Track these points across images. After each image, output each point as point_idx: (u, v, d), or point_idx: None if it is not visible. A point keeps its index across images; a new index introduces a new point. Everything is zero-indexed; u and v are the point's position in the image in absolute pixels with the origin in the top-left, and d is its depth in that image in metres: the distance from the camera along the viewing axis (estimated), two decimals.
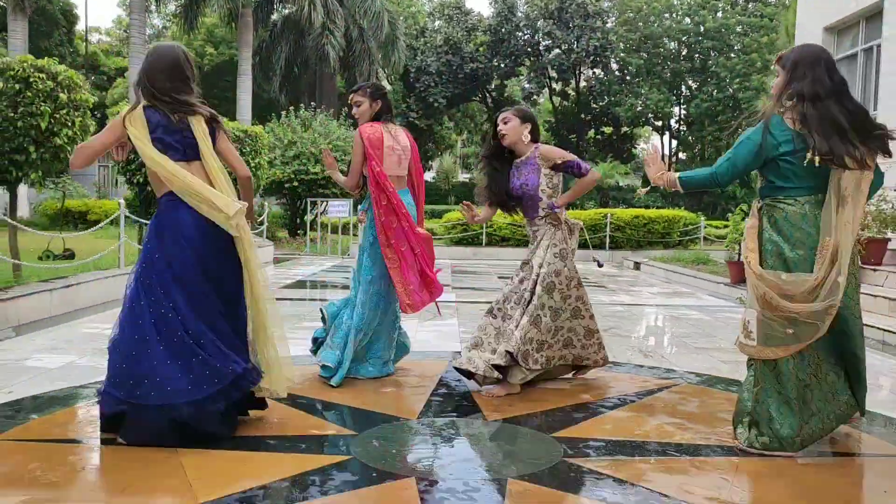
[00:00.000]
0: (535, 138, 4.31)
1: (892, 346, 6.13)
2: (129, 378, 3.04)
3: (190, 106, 3.28)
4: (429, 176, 35.22)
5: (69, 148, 7.43)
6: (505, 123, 4.27)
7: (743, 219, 10.20)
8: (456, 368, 4.28)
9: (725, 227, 16.88)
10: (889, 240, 8.23)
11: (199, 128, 3.30)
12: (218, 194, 3.22)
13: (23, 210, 24.14)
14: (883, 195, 8.24)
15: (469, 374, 4.15)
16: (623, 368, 4.92)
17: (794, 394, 3.16)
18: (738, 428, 3.34)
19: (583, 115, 38.27)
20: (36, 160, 7.29)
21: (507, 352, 4.00)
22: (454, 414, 3.80)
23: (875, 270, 8.02)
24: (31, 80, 7.10)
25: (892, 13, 11.48)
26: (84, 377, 4.34)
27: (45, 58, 7.56)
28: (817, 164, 3.11)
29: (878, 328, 6.39)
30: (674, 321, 7.47)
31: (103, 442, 3.16)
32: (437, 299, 4.43)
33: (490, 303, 4.37)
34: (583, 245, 4.66)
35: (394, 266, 4.25)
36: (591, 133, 39.73)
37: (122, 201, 9.11)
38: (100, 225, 9.86)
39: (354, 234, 17.36)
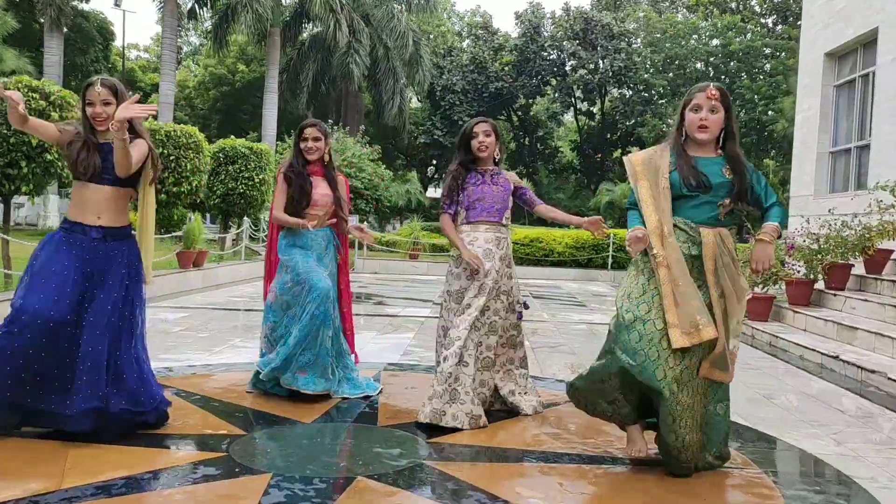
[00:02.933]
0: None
1: (833, 371, 6.23)
2: None
3: None
4: None
5: (59, 163, 7.89)
6: (487, 136, 4.20)
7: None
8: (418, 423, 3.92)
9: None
10: (852, 265, 8.30)
11: None
12: None
13: (53, 220, 25.01)
14: (846, 223, 8.34)
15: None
16: (542, 383, 5.13)
17: None
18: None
19: (608, 135, 38.39)
20: (27, 174, 7.75)
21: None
22: (350, 420, 4.06)
23: (835, 295, 8.10)
24: (25, 98, 7.56)
25: (885, 41, 11.52)
26: None
27: (82, 80, 8.05)
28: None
29: (822, 352, 6.50)
30: None
31: (6, 434, 3.47)
32: None
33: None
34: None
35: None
36: (617, 153, 39.82)
37: None
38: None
39: (360, 248, 17.71)
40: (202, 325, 7.31)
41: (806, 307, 8.15)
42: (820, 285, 8.48)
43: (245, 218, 14.28)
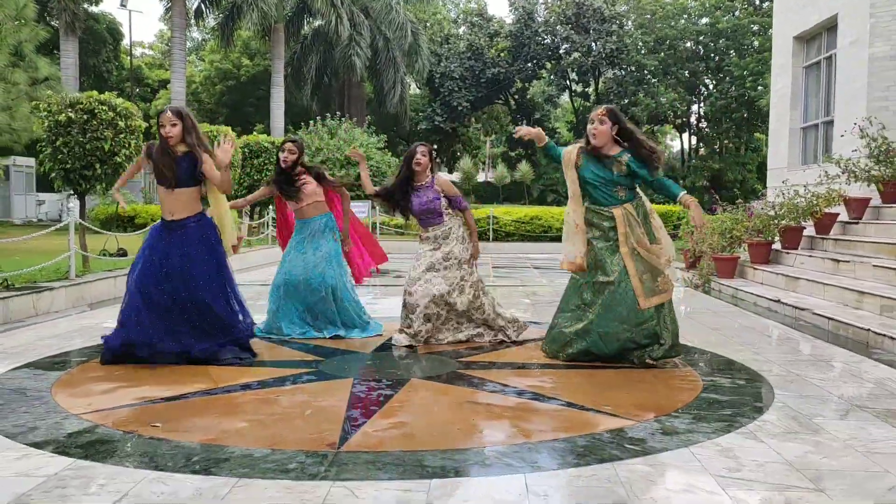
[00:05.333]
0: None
1: (776, 312, 7.65)
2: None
3: None
4: (455, 176, 36.99)
5: (126, 165, 9.30)
6: (423, 156, 5.76)
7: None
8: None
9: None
10: (804, 228, 9.70)
11: None
12: None
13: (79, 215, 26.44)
14: (798, 192, 9.74)
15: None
16: (541, 326, 6.54)
17: None
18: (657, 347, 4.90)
19: None
20: (101, 175, 9.18)
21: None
22: (397, 350, 5.51)
23: (788, 253, 9.52)
24: (96, 111, 8.97)
25: (844, 26, 12.80)
26: None
27: (95, 80, 9.44)
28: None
29: (768, 298, 7.93)
30: None
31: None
32: None
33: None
34: None
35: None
36: None
37: None
38: (147, 227, 11.78)
39: (373, 232, 19.13)
40: (257, 296, 8.74)
41: (765, 265, 9.57)
42: (778, 246, 9.89)
43: (271, 206, 15.68)
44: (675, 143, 53.18)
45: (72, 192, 9.54)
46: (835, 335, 6.30)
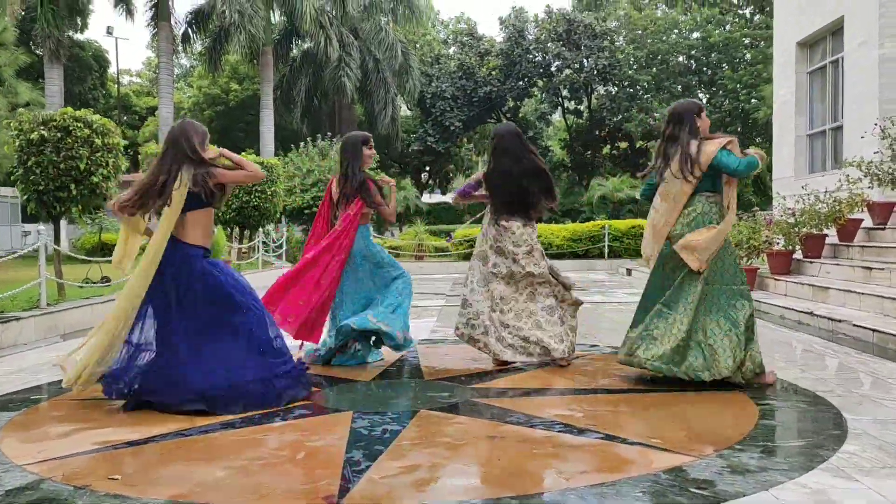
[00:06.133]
0: None
1: (806, 325, 7.07)
2: None
3: None
4: (449, 197, 36.34)
5: (104, 185, 8.70)
6: None
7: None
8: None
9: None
10: (826, 235, 9.15)
11: None
12: None
13: (62, 245, 25.81)
14: (819, 197, 9.20)
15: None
16: None
17: None
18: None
19: (597, 132, 39.24)
20: (76, 196, 8.55)
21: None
22: (401, 377, 4.89)
23: (811, 263, 8.96)
24: (71, 128, 8.37)
25: (851, 29, 12.39)
26: None
27: (82, 108, 8.89)
28: None
29: (798, 310, 7.35)
30: (620, 313, 8.46)
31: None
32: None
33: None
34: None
35: None
36: (607, 149, 40.67)
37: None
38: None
39: None
40: None
41: (787, 275, 9.00)
42: (798, 255, 9.34)
43: (261, 228, 15.09)
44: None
45: (45, 215, 8.92)
46: (882, 348, 5.72)
